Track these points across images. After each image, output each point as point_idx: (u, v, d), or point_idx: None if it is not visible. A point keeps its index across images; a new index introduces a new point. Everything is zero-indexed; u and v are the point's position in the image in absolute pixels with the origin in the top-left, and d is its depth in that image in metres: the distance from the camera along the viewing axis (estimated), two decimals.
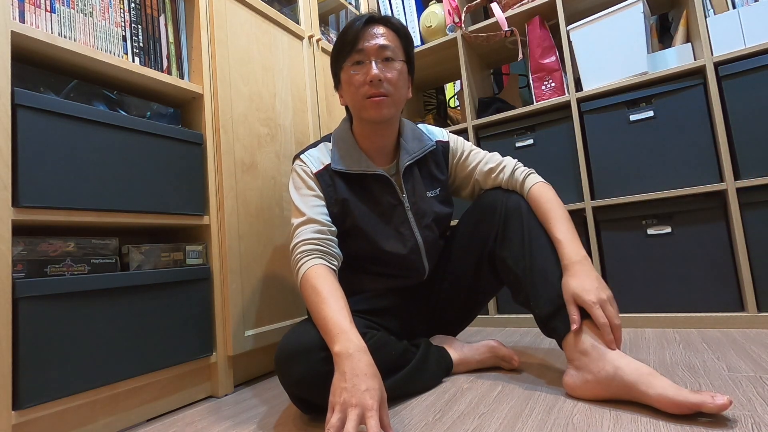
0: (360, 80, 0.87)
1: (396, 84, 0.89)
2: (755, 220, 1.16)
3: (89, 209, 0.80)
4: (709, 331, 1.15)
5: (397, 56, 0.89)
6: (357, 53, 0.87)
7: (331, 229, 0.88)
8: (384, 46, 0.87)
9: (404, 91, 0.93)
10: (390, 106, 0.88)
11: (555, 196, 0.89)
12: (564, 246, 0.82)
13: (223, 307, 1.01)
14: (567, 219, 0.86)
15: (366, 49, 0.87)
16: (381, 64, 0.87)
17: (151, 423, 0.86)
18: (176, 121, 1.04)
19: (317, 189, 0.91)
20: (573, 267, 0.79)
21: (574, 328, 0.75)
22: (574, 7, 1.52)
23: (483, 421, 0.70)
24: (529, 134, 1.50)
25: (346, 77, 0.90)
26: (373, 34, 0.88)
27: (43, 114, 0.75)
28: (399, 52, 0.90)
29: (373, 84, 0.86)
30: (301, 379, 0.72)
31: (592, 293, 0.75)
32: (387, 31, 0.89)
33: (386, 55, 0.88)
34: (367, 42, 0.87)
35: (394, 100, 0.89)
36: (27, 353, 0.69)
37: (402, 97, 0.92)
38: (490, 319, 1.53)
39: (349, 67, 0.89)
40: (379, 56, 0.87)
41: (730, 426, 0.59)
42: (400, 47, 0.91)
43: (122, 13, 0.95)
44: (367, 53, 0.87)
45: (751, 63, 1.16)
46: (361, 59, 0.87)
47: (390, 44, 0.88)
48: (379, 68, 0.86)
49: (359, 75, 0.87)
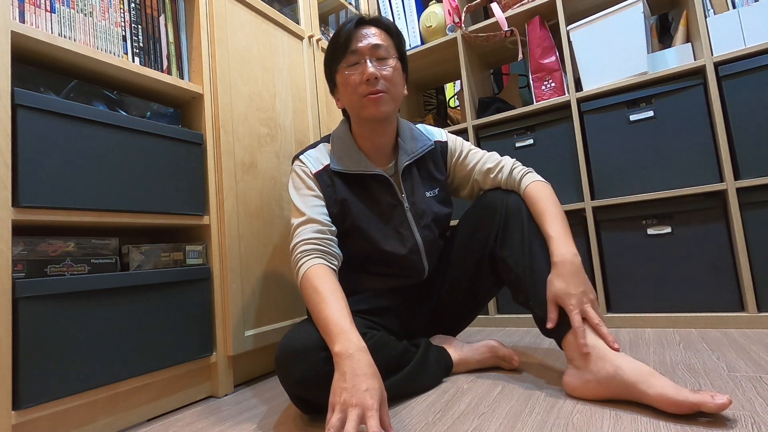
0: (356, 80, 0.88)
1: (392, 81, 0.89)
2: (755, 220, 1.15)
3: (89, 209, 0.80)
4: (709, 331, 1.15)
5: (390, 54, 0.90)
6: (351, 54, 0.88)
7: (331, 228, 0.88)
8: (377, 45, 0.88)
9: (400, 88, 0.93)
10: (388, 102, 0.89)
11: (551, 195, 0.89)
12: (555, 243, 0.82)
13: (223, 307, 1.01)
14: (561, 217, 0.86)
15: (359, 49, 0.88)
16: (376, 63, 0.88)
17: (151, 423, 0.86)
18: (176, 121, 1.04)
19: (317, 189, 0.91)
20: (561, 266, 0.79)
21: (549, 326, 0.78)
22: (574, 7, 1.52)
23: (483, 421, 0.70)
24: (529, 134, 1.50)
25: (342, 79, 0.90)
26: (364, 35, 0.89)
27: (43, 114, 0.75)
28: (392, 50, 0.91)
29: (370, 82, 0.87)
30: (301, 379, 0.72)
31: (574, 297, 0.76)
32: (378, 30, 0.91)
33: (380, 54, 0.89)
34: (359, 42, 0.88)
35: (392, 96, 0.90)
36: (27, 353, 0.69)
37: (399, 93, 0.93)
38: (490, 319, 1.53)
39: (344, 69, 0.90)
40: (373, 55, 0.88)
41: (730, 426, 0.59)
42: (392, 45, 0.92)
43: (122, 13, 0.95)
44: (361, 53, 0.88)
45: (751, 63, 1.16)
46: (355, 60, 0.88)
47: (382, 43, 0.89)
48: (374, 66, 0.87)
49: (355, 75, 0.88)
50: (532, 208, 0.89)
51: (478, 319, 1.55)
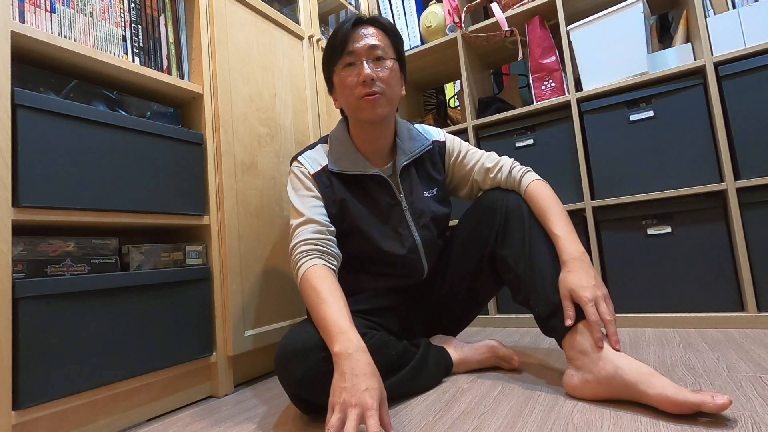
0: (353, 81, 0.88)
1: (389, 82, 0.89)
2: (755, 220, 1.15)
3: (89, 209, 0.80)
4: (709, 331, 1.15)
5: (387, 55, 0.90)
6: (348, 55, 0.88)
7: (330, 229, 0.88)
8: (374, 45, 0.87)
9: (398, 89, 0.93)
10: (385, 104, 0.89)
11: (552, 194, 0.89)
12: (562, 242, 0.82)
13: (223, 307, 1.01)
14: (565, 216, 0.86)
15: (356, 50, 0.87)
16: (372, 64, 0.87)
17: (151, 423, 0.86)
18: (176, 121, 1.04)
19: (315, 190, 0.91)
20: (571, 263, 0.79)
21: (568, 323, 0.76)
22: (574, 7, 1.52)
23: (483, 421, 0.70)
24: (529, 134, 1.50)
25: (339, 80, 0.90)
26: (362, 35, 0.88)
27: (43, 114, 0.75)
28: (389, 51, 0.91)
29: (366, 84, 0.86)
30: (300, 379, 0.72)
31: (588, 290, 0.75)
32: (376, 30, 0.90)
33: (377, 54, 0.88)
34: (356, 43, 0.87)
35: (388, 98, 0.89)
36: (27, 353, 0.69)
37: (396, 95, 0.92)
38: (490, 319, 1.53)
39: (341, 70, 0.89)
40: (370, 56, 0.87)
41: (730, 426, 0.59)
42: (390, 46, 0.91)
43: (122, 13, 0.95)
44: (357, 54, 0.87)
45: (751, 63, 1.16)
46: (352, 61, 0.88)
47: (380, 43, 0.88)
48: (370, 68, 0.86)
49: (351, 76, 0.88)
50: (535, 207, 0.88)
51: (478, 319, 1.55)
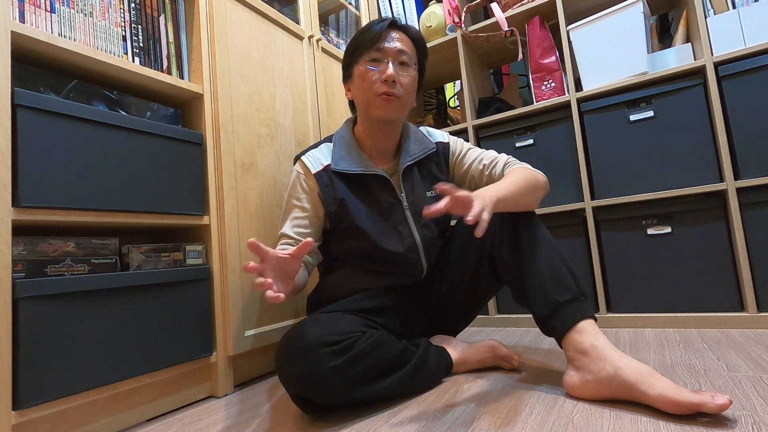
0: (375, 77, 0.90)
1: (408, 88, 0.92)
2: (755, 220, 1.15)
3: (89, 209, 0.80)
4: (709, 331, 1.15)
5: (412, 63, 0.93)
6: (376, 51, 0.91)
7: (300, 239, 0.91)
8: (402, 50, 0.91)
9: (412, 98, 0.96)
10: (398, 108, 0.92)
11: (525, 175, 0.85)
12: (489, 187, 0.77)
13: (223, 307, 1.01)
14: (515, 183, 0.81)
15: (386, 49, 0.90)
16: (397, 67, 0.91)
17: (151, 423, 0.86)
18: (176, 121, 1.04)
19: (306, 195, 0.94)
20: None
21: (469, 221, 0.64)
22: (574, 7, 1.52)
23: (483, 421, 0.70)
24: (529, 134, 1.50)
25: (360, 72, 0.92)
26: (393, 37, 0.92)
27: (43, 114, 0.75)
28: (414, 60, 0.94)
29: (388, 83, 0.89)
30: (301, 377, 0.72)
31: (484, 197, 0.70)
32: (407, 38, 0.94)
33: (403, 59, 0.91)
34: (387, 43, 0.91)
35: (403, 103, 0.93)
36: (27, 353, 0.69)
37: (410, 102, 0.96)
38: (490, 319, 1.53)
39: (365, 62, 0.91)
40: (397, 59, 0.91)
41: (730, 426, 0.59)
42: (415, 56, 0.95)
43: (122, 13, 0.95)
44: (386, 53, 0.90)
45: (751, 63, 1.16)
46: (379, 57, 0.91)
47: (408, 51, 0.92)
48: (395, 69, 0.90)
49: (375, 72, 0.90)
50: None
51: (478, 319, 1.55)
